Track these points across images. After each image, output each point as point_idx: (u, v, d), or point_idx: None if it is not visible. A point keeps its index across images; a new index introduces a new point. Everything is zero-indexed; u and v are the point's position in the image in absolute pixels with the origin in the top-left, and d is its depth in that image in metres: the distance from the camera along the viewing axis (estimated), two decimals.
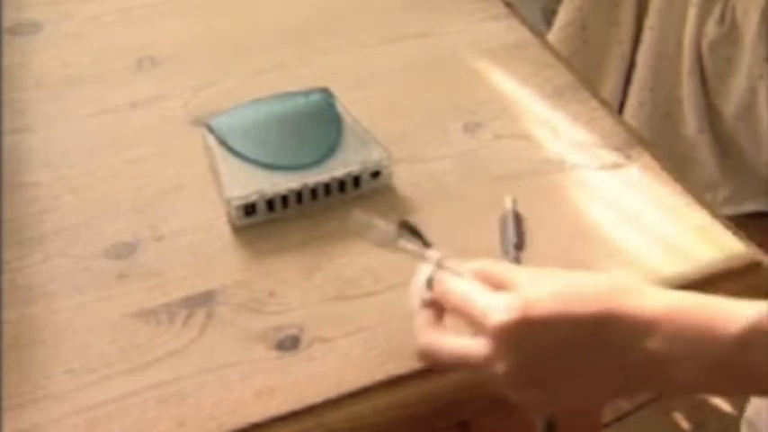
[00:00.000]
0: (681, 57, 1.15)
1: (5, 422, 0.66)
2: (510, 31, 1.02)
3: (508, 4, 1.05)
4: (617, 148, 0.88)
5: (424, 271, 0.65)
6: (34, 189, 0.85)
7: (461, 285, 0.63)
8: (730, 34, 1.07)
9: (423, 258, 0.65)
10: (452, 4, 1.06)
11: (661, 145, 1.11)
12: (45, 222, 0.82)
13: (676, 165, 0.90)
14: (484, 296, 0.61)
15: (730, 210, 1.12)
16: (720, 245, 0.79)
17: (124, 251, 0.79)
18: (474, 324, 0.61)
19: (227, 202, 0.80)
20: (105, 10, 1.07)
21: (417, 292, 0.65)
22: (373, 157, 0.83)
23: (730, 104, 1.11)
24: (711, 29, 1.07)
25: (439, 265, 0.64)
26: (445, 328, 0.63)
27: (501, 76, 0.98)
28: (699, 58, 1.10)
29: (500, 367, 0.60)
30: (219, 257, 0.79)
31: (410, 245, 0.67)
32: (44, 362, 0.71)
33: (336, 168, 0.81)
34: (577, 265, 0.77)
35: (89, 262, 0.78)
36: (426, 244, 0.71)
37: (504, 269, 0.64)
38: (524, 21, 1.03)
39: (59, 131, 0.92)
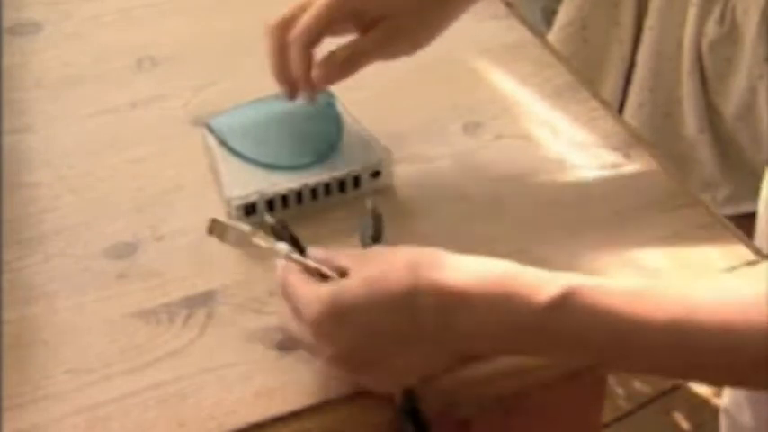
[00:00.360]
0: (681, 57, 1.15)
1: (5, 422, 0.66)
2: (510, 31, 1.02)
3: (508, 4, 1.05)
4: (617, 148, 0.88)
5: (279, 264, 0.68)
6: (34, 189, 0.85)
7: (289, 278, 0.66)
8: (730, 34, 1.07)
9: (275, 253, 0.68)
10: None
11: (661, 145, 1.11)
12: (45, 222, 0.82)
13: (676, 165, 0.90)
14: (303, 290, 0.65)
15: (730, 210, 1.12)
16: (720, 245, 0.79)
17: (124, 251, 0.79)
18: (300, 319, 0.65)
19: (227, 202, 0.80)
20: (105, 10, 1.07)
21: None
22: (374, 156, 0.82)
23: (730, 104, 1.11)
24: (711, 29, 1.07)
25: (287, 258, 0.68)
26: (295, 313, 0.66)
27: (501, 76, 0.98)
28: (699, 58, 1.10)
29: (324, 354, 0.64)
30: (219, 257, 0.78)
31: (263, 242, 0.70)
32: (44, 362, 0.71)
33: (337, 168, 0.81)
34: (577, 265, 0.77)
35: (89, 262, 0.78)
36: (295, 239, 0.72)
37: (339, 257, 0.67)
38: (524, 21, 1.03)
39: (59, 131, 0.92)
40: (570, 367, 0.68)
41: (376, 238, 0.75)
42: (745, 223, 0.84)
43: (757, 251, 0.79)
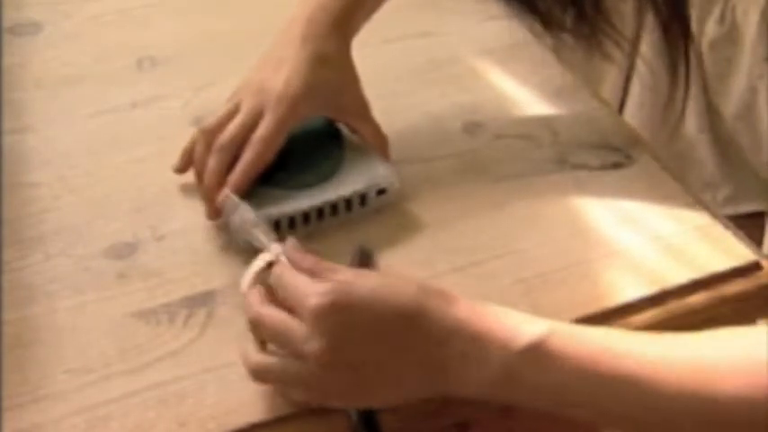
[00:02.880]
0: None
1: (5, 422, 0.66)
2: (510, 31, 1.02)
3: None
4: (617, 148, 0.88)
5: (260, 259, 0.70)
6: (34, 189, 0.85)
7: (287, 273, 0.67)
8: (730, 34, 1.06)
9: (266, 249, 0.70)
10: (452, 4, 1.06)
11: (661, 145, 1.11)
12: (45, 222, 0.82)
13: (676, 165, 0.90)
14: (304, 282, 0.65)
15: (730, 210, 1.12)
16: (720, 245, 0.79)
17: (124, 251, 0.79)
18: (296, 310, 0.64)
19: (230, 225, 0.78)
20: (105, 10, 1.07)
21: (249, 275, 0.70)
22: (379, 174, 0.81)
23: (730, 104, 1.10)
24: (711, 29, 1.07)
25: (278, 258, 0.69)
26: (275, 304, 0.66)
27: (501, 76, 0.98)
28: (699, 57, 1.10)
29: (313, 346, 0.62)
30: (219, 257, 0.78)
31: (262, 235, 0.72)
32: (44, 362, 0.71)
33: (342, 187, 0.80)
34: (577, 265, 0.77)
35: (89, 262, 0.78)
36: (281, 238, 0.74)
37: (332, 270, 0.66)
38: (524, 21, 1.03)
39: (59, 131, 0.92)
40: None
41: None
42: (745, 223, 0.84)
43: (757, 251, 0.79)
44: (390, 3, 0.88)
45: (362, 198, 0.81)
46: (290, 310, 0.65)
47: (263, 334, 0.67)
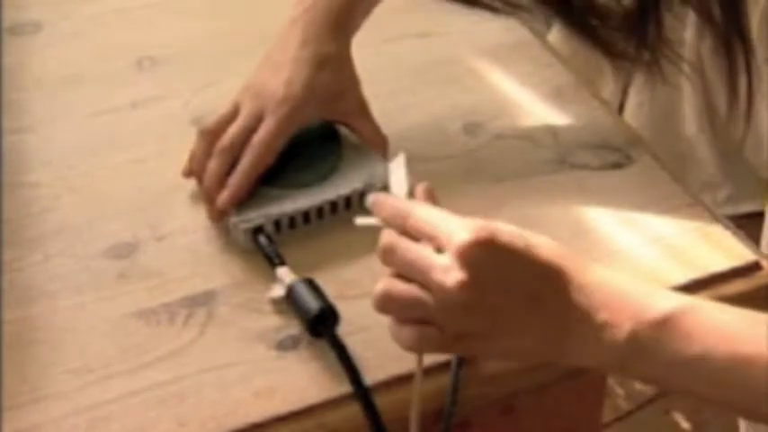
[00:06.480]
0: (681, 56, 1.15)
1: (5, 422, 0.66)
2: (510, 31, 1.02)
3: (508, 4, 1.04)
4: (617, 148, 0.88)
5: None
6: (34, 189, 0.85)
7: (428, 209, 0.64)
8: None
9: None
10: (452, 4, 1.06)
11: (661, 145, 1.11)
12: (45, 222, 0.82)
13: (676, 165, 0.90)
14: (451, 219, 0.62)
15: (730, 210, 1.12)
16: (720, 245, 0.79)
17: (124, 251, 0.79)
18: (440, 243, 0.61)
19: (234, 226, 0.78)
20: (105, 10, 1.07)
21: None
22: (377, 172, 0.82)
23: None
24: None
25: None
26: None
27: (501, 76, 0.98)
28: (699, 57, 1.10)
29: (456, 277, 0.60)
30: (219, 257, 0.79)
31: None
32: (44, 362, 0.71)
33: (342, 186, 0.80)
34: None
35: (89, 262, 0.78)
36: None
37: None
38: (524, 21, 1.03)
39: (59, 131, 0.92)
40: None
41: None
42: (745, 223, 0.84)
43: (757, 251, 0.79)
44: (390, 2, 0.88)
45: (362, 197, 0.81)
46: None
47: (395, 263, 0.63)
